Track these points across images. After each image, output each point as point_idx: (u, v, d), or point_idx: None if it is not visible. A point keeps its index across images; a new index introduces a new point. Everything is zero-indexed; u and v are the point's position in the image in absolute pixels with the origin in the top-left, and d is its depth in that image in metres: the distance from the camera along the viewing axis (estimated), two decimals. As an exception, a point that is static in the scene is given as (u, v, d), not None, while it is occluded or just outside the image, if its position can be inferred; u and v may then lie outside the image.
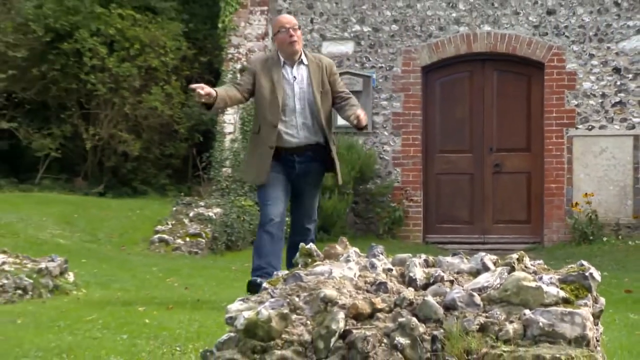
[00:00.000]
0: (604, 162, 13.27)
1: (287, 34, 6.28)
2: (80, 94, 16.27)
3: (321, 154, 6.38)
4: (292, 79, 6.31)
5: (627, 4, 13.22)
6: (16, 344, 4.57)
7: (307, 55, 6.42)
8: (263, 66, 6.34)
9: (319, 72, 6.32)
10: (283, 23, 6.37)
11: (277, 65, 6.33)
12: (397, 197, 13.38)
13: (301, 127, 6.27)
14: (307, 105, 6.28)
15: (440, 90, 13.70)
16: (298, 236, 6.17)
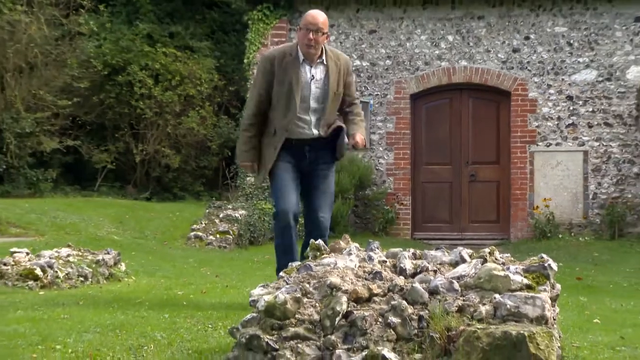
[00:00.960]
0: (560, 172, 13.21)
1: (307, 35, 4.99)
2: (131, 117, 16.31)
3: (330, 145, 5.23)
4: (310, 78, 5.06)
5: (577, 44, 13.17)
6: (79, 321, 4.57)
7: (327, 52, 5.11)
8: (280, 63, 5.04)
9: (337, 72, 5.11)
10: (307, 22, 5.02)
11: (296, 64, 5.04)
12: (390, 201, 13.35)
13: (315, 124, 5.10)
14: (321, 104, 5.09)
15: (426, 114, 13.65)
16: (314, 230, 5.19)
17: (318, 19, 5.02)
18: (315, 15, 5.06)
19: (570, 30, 13.18)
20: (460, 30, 13.36)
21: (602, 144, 13.12)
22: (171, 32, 17.63)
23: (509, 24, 13.28)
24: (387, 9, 13.48)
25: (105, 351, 3.69)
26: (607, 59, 13.10)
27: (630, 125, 13.08)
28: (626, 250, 11.63)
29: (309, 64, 5.06)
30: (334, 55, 5.14)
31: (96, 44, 16.42)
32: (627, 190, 13.04)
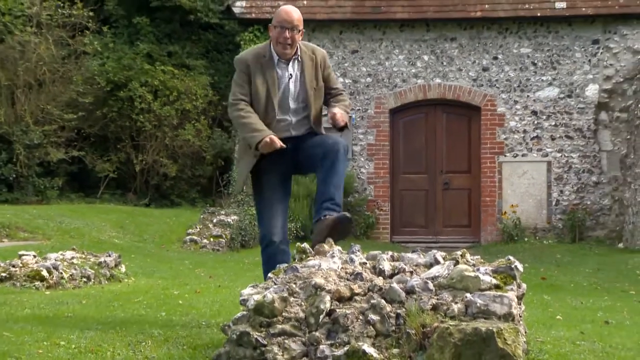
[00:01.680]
0: (525, 181, 13.26)
1: (282, 34, 4.18)
2: (131, 129, 16.26)
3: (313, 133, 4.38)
4: (288, 77, 4.26)
5: (541, 64, 13.25)
6: (81, 319, 4.53)
7: (300, 48, 4.31)
8: (255, 65, 4.24)
9: (312, 66, 4.31)
10: (282, 19, 4.20)
11: (271, 65, 4.25)
12: (371, 207, 13.34)
13: (295, 124, 4.29)
14: (301, 103, 4.29)
15: (403, 127, 13.67)
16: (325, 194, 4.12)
17: (293, 15, 4.21)
18: (289, 11, 4.23)
19: (534, 51, 13.26)
20: (435, 51, 13.41)
21: (564, 155, 13.19)
22: (169, 51, 17.60)
23: (479, 45, 13.34)
24: (367, 31, 13.52)
25: (106, 347, 3.66)
26: (567, 78, 13.18)
27: (589, 138, 13.16)
28: (586, 252, 11.68)
29: (285, 63, 4.27)
30: (308, 49, 4.35)
31: (100, 62, 16.37)
32: (587, 197, 13.12)
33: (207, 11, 17.91)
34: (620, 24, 13.06)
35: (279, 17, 4.21)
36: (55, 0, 15.67)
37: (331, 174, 4.05)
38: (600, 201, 13.09)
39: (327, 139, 4.21)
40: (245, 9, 13.46)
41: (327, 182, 4.04)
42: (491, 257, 5.79)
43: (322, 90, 4.35)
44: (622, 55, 13.07)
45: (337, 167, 4.06)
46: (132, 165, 16.15)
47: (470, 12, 13.11)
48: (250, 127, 4.17)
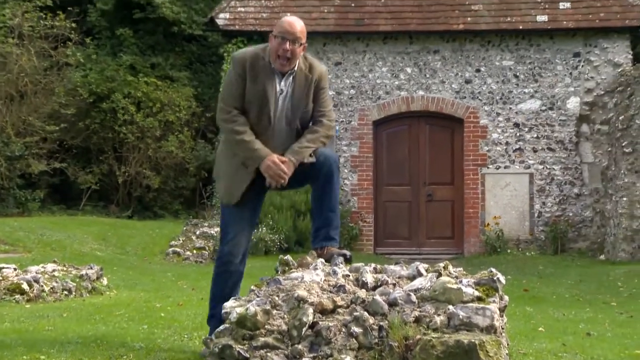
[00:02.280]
0: (508, 193, 13.31)
1: (282, 45, 3.81)
2: (114, 141, 16.23)
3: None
4: (279, 92, 3.90)
5: (523, 77, 13.33)
6: (62, 332, 4.48)
7: (298, 64, 3.92)
8: (252, 68, 3.87)
9: (305, 86, 3.91)
10: (284, 30, 3.83)
11: (269, 73, 3.88)
12: (354, 219, 13.33)
13: (277, 145, 3.89)
14: (286, 123, 3.93)
15: (387, 139, 13.68)
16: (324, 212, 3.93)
17: (296, 26, 3.86)
18: (292, 22, 3.88)
19: (516, 64, 13.36)
20: (418, 63, 13.48)
21: (545, 167, 13.28)
22: (152, 63, 17.59)
23: (462, 58, 13.43)
24: (351, 43, 13.56)
25: (87, 361, 3.63)
26: (549, 90, 13.29)
27: (571, 150, 13.26)
28: (568, 264, 11.75)
29: (280, 75, 3.90)
30: (305, 66, 3.94)
31: (82, 73, 16.33)
32: (569, 209, 13.20)
33: (191, 23, 17.93)
34: (600, 37, 13.20)
35: (281, 27, 3.85)
36: (37, 12, 15.61)
37: (326, 196, 3.89)
38: (582, 213, 13.18)
39: (316, 156, 3.90)
40: (228, 20, 13.47)
41: (323, 204, 3.89)
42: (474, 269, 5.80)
43: (309, 113, 3.96)
44: (603, 69, 13.21)
45: (331, 187, 3.89)
46: (114, 177, 16.08)
47: (452, 24, 13.20)
48: (248, 145, 3.82)
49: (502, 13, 13.22)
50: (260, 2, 13.43)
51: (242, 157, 3.88)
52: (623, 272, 10.12)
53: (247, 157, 3.85)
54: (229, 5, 13.52)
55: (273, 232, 12.14)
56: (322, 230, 3.89)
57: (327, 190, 3.87)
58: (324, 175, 3.86)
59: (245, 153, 3.85)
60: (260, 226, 12.24)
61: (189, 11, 18.04)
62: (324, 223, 3.89)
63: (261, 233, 12.02)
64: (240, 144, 3.85)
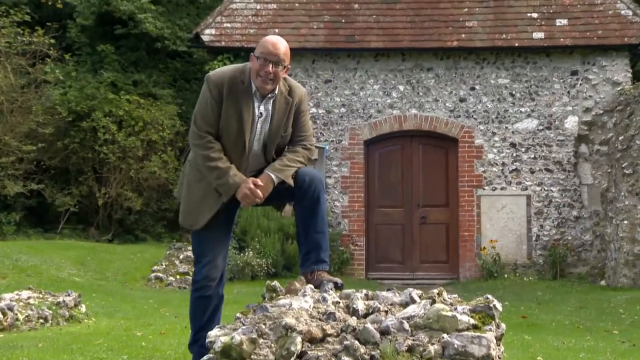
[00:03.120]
0: (505, 215, 13.33)
1: (264, 67, 3.79)
2: (94, 161, 16.18)
3: None
4: (258, 115, 3.90)
5: (519, 95, 13.42)
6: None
7: (279, 86, 3.93)
8: (230, 90, 3.84)
9: (286, 110, 3.92)
10: (267, 51, 3.80)
11: (248, 95, 3.86)
12: (345, 242, 13.31)
13: (250, 169, 3.94)
14: (261, 147, 3.94)
15: (379, 159, 13.72)
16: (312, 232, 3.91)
17: (279, 47, 3.83)
18: (275, 43, 3.84)
19: (512, 82, 13.45)
20: (411, 81, 13.55)
21: (543, 188, 13.32)
22: (135, 80, 17.60)
23: (456, 76, 13.51)
24: (341, 60, 13.63)
25: (63, 393, 3.58)
26: (546, 109, 13.38)
27: (569, 171, 13.32)
28: (567, 289, 11.75)
29: (260, 99, 3.89)
30: (285, 87, 3.96)
31: (61, 91, 16.31)
32: (568, 232, 13.23)
33: (175, 39, 17.98)
34: (599, 55, 13.33)
35: (264, 48, 3.81)
36: (14, 27, 15.61)
37: (314, 218, 3.87)
38: (582, 236, 13.21)
39: (298, 173, 3.88)
40: (214, 37, 13.53)
41: (311, 227, 3.87)
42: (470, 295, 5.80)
43: (288, 137, 3.96)
44: (602, 87, 13.32)
45: (319, 209, 3.87)
46: (94, 198, 16.01)
47: (446, 41, 13.30)
48: (223, 174, 3.81)
49: (498, 30, 13.35)
50: (247, 17, 13.50)
51: (216, 184, 3.85)
52: (625, 298, 10.13)
53: (221, 185, 3.84)
54: (214, 21, 13.59)
55: (260, 257, 12.10)
56: (312, 254, 3.87)
57: (315, 212, 3.86)
58: (310, 198, 3.84)
59: (220, 181, 3.83)
60: (247, 250, 12.21)
61: (173, 26, 18.10)
62: (313, 246, 3.88)
63: (248, 257, 11.98)
64: (213, 171, 3.84)
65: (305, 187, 3.83)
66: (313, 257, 3.87)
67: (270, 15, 13.58)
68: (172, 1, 19.24)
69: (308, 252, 3.88)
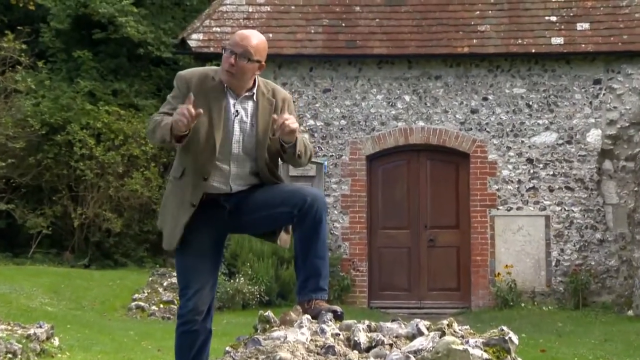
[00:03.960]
0: (521, 238, 13.32)
1: (227, 59, 3.82)
2: (70, 178, 16.18)
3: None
4: (233, 114, 3.88)
5: (537, 106, 13.45)
6: (4, 402, 4.40)
7: (259, 86, 3.95)
8: (200, 86, 3.87)
9: (271, 110, 3.92)
10: (234, 42, 3.85)
11: (219, 93, 3.89)
12: (346, 267, 13.29)
13: (234, 177, 3.93)
14: (247, 154, 3.93)
15: (382, 176, 13.73)
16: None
17: (249, 40, 3.85)
18: (245, 35, 3.89)
19: (529, 92, 13.49)
20: (417, 90, 13.59)
21: (563, 208, 13.32)
22: (115, 89, 17.64)
23: (467, 85, 13.55)
24: (341, 68, 13.67)
25: None
26: (567, 122, 13.41)
27: (592, 189, 13.32)
28: (590, 320, 11.73)
29: (234, 96, 3.90)
30: (267, 89, 3.98)
31: (34, 102, 16.33)
32: (590, 257, 13.22)
33: (159, 44, 18.04)
34: (624, 62, 13.37)
35: (231, 40, 3.89)
36: (-18, 32, 15.67)
37: (314, 242, 3.86)
38: (606, 262, 13.20)
39: (297, 192, 3.89)
40: (202, 42, 13.58)
41: (311, 251, 3.86)
42: (483, 326, 5.78)
43: (277, 142, 3.89)
44: (627, 97, 13.35)
45: (320, 232, 3.85)
46: (69, 219, 15.99)
47: (456, 47, 13.36)
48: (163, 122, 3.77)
49: (513, 35, 13.41)
50: (238, 21, 13.55)
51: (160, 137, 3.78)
52: (654, 329, 10.11)
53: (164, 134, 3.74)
54: (202, 25, 13.65)
55: (252, 283, 12.08)
56: (310, 281, 3.86)
57: (315, 235, 3.86)
58: (312, 219, 3.82)
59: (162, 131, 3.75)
60: (238, 276, 12.20)
61: (157, 31, 18.18)
62: (312, 272, 3.86)
63: (238, 284, 11.97)
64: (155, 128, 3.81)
65: (307, 207, 3.80)
66: (311, 285, 3.86)
67: (263, 19, 13.64)
68: (155, 3, 19.33)
69: (306, 279, 3.88)
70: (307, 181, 13.14)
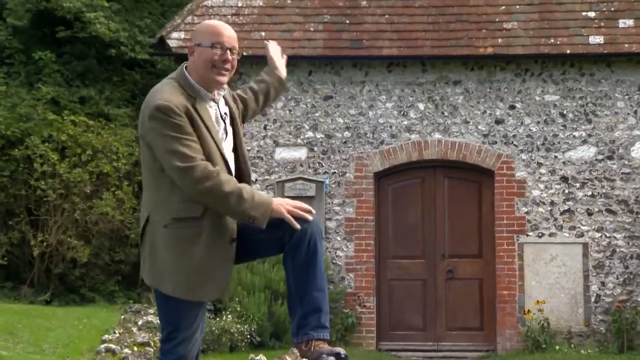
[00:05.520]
0: (555, 269, 13.31)
1: (224, 56, 3.91)
2: (29, 200, 16.16)
3: None
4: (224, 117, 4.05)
5: (572, 116, 13.46)
6: None
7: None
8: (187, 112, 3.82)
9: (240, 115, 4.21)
10: (220, 33, 3.92)
11: (204, 105, 3.94)
12: (350, 303, 13.28)
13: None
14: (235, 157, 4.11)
15: (393, 196, 13.77)
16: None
17: (230, 30, 3.97)
18: (225, 26, 3.99)
19: (563, 99, 13.52)
20: (433, 97, 13.63)
21: (604, 235, 13.32)
22: (82, 96, 17.67)
23: (491, 91, 13.59)
24: (345, 72, 13.72)
25: None
26: (607, 134, 13.42)
27: (638, 213, 13.31)
28: (637, 364, 11.70)
29: (212, 100, 4.00)
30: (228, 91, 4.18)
31: (-14, 111, 16.36)
32: (637, 292, 13.19)
33: (134, 44, 18.10)
34: (673, 64, 13.43)
35: (215, 34, 3.91)
36: None
37: (312, 273, 3.89)
38: (654, 296, 13.19)
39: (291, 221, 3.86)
40: (184, 41, 13.60)
41: (308, 284, 3.88)
42: (512, 372, 5.76)
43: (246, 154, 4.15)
44: (677, 105, 13.39)
45: (317, 261, 3.88)
46: (28, 248, 15.98)
47: (478, 47, 13.41)
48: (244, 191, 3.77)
49: (544, 33, 13.45)
50: (226, 17, 13.60)
51: (241, 211, 3.75)
52: None
53: (253, 206, 3.75)
54: (184, 22, 13.70)
55: (242, 321, 12.06)
56: (310, 318, 3.87)
57: (312, 265, 3.87)
58: (305, 248, 3.85)
59: (246, 204, 3.74)
60: (225, 313, 12.18)
61: (131, 29, 18.24)
62: (311, 308, 3.87)
63: (226, 322, 11.94)
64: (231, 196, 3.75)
65: (300, 234, 3.83)
66: (312, 322, 3.87)
67: (255, 15, 13.71)
68: (130, -4, 19.39)
69: (304, 317, 3.89)
70: (306, 202, 13.13)
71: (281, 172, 13.53)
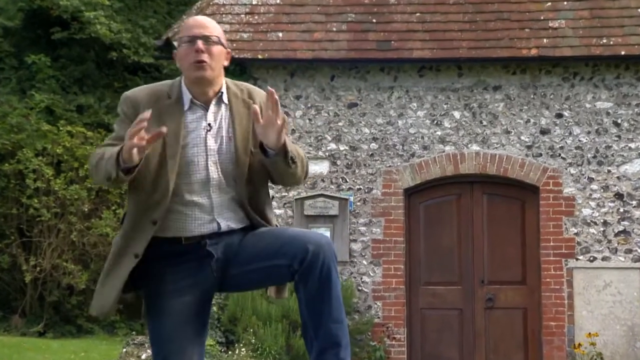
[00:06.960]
0: (609, 297, 13.28)
1: (192, 47, 3.90)
2: (21, 219, 16.17)
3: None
4: (205, 128, 3.94)
5: (627, 125, 13.46)
6: None
7: (229, 87, 4.03)
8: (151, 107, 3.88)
9: (248, 116, 3.95)
10: (190, 29, 3.98)
11: (177, 111, 3.95)
12: (378, 334, 13.25)
13: (218, 207, 3.97)
14: (227, 171, 3.97)
15: (425, 215, 13.78)
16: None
17: (204, 22, 4.01)
18: (198, 18, 4.08)
19: (617, 107, 13.50)
20: (470, 105, 13.67)
21: (664, 258, 13.35)
22: (80, 104, 17.67)
23: (535, 97, 13.61)
24: (371, 76, 13.77)
25: None
26: (666, 145, 13.46)
27: (701, 232, 13.36)
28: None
29: (203, 107, 3.98)
30: (241, 90, 4.07)
31: (-25, 120, 16.48)
32: (696, 319, 13.22)
33: (137, 46, 18.08)
34: None
35: (184, 29, 4.01)
36: None
37: (327, 302, 3.89)
38: None
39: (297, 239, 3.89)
40: (193, 43, 13.77)
41: (324, 315, 3.90)
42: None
43: (259, 157, 3.95)
44: None
45: (331, 288, 3.88)
46: (19, 273, 15.99)
47: (521, 49, 13.40)
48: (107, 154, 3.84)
49: (596, 32, 13.41)
50: (239, 17, 13.69)
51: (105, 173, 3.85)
52: None
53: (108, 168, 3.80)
54: (193, 21, 13.84)
55: (257, 355, 12.13)
56: (328, 353, 3.88)
57: (326, 293, 3.86)
58: (318, 274, 3.83)
59: (107, 164, 3.81)
60: (238, 346, 12.26)
61: (134, 29, 18.23)
62: (329, 342, 3.89)
63: (239, 356, 12.02)
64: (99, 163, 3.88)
65: (311, 258, 3.81)
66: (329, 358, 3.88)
67: (271, 14, 13.75)
68: (132, -6, 19.49)
69: (321, 352, 3.90)
70: (328, 222, 13.27)
71: (300, 188, 13.34)
